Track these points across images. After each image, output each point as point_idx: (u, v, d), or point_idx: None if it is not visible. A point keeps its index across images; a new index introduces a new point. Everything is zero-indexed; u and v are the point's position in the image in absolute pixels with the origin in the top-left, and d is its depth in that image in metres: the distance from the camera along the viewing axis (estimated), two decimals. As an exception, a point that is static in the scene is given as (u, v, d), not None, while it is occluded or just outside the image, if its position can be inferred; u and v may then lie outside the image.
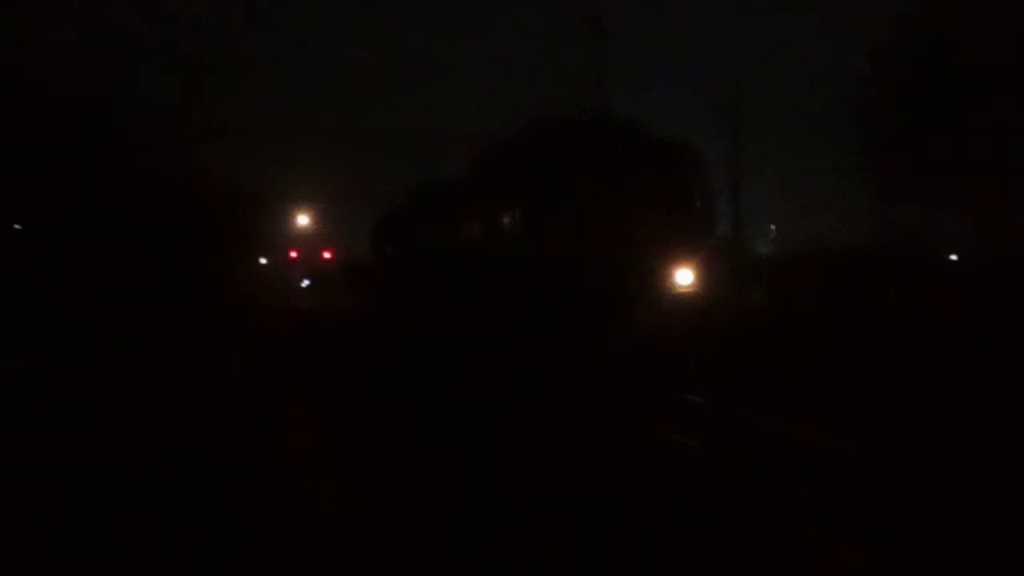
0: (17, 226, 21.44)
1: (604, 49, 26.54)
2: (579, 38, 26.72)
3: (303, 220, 37.73)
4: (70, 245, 19.18)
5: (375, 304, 24.88)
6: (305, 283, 39.33)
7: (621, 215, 14.21)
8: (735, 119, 30.06)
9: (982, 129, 18.07)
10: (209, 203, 25.74)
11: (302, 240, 38.14)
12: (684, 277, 14.95)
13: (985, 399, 9.73)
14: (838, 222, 25.65)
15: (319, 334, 18.98)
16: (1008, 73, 17.59)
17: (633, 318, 13.67)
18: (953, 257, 25.37)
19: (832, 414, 9.35)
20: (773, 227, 36.19)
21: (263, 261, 36.38)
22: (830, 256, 26.31)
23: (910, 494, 6.67)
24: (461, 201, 18.19)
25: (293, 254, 38.54)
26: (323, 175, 34.41)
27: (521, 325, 13.84)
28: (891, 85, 20.41)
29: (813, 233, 27.29)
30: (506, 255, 15.26)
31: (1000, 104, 17.72)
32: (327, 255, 38.23)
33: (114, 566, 5.37)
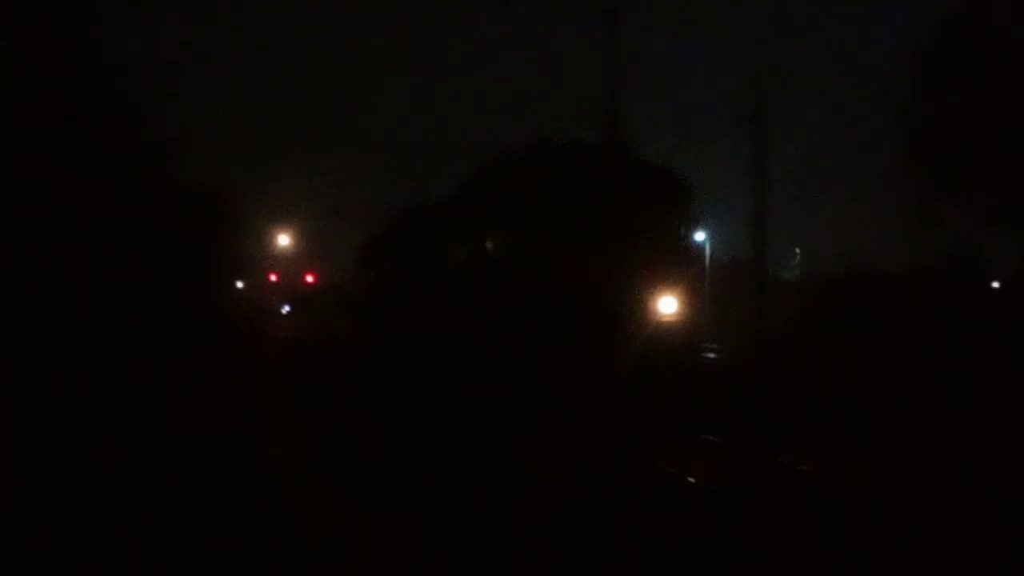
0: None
1: (617, 47, 26.83)
2: (590, 36, 27.02)
3: (284, 240, 37.79)
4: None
5: (358, 336, 25.02)
6: (285, 309, 39.01)
7: (603, 242, 14.96)
8: (758, 130, 29.88)
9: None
10: (179, 219, 26.11)
11: (283, 262, 38.27)
12: (667, 305, 15.48)
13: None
14: (874, 242, 26.07)
15: (297, 371, 19.37)
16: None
17: (615, 348, 14.41)
18: (995, 284, 24.86)
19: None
20: (798, 250, 36.82)
21: (239, 285, 32.96)
22: (863, 280, 26.19)
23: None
24: (446, 225, 18.69)
25: (273, 277, 38.55)
26: (308, 190, 38.81)
27: (502, 360, 14.59)
28: (931, 86, 19.89)
29: (845, 254, 27.78)
30: (489, 283, 15.89)
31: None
32: (310, 279, 38.24)
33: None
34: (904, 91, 21.30)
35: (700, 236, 32.28)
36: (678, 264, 15.65)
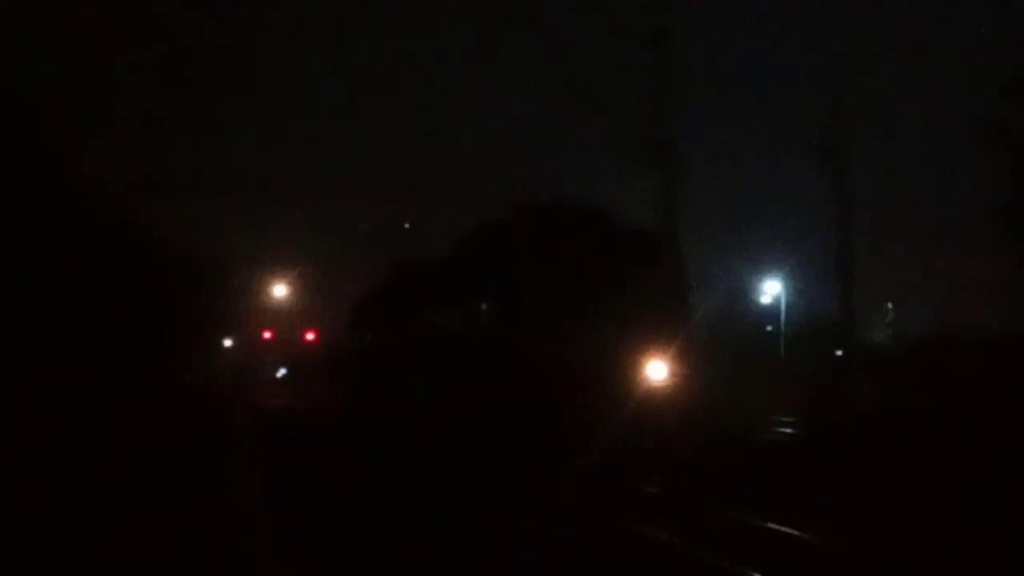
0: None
1: (666, 71, 27.36)
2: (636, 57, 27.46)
3: (280, 291, 37.49)
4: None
5: (351, 403, 25.52)
6: (281, 372, 39.18)
7: (591, 309, 16.84)
8: (840, 163, 29.75)
9: None
10: (159, 273, 25.42)
11: (279, 317, 37.94)
12: (657, 371, 17.37)
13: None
14: (979, 299, 25.70)
15: (297, 455, 19.11)
16: None
17: (601, 417, 15.85)
18: None
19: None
20: (890, 306, 36.34)
21: (228, 344, 36.38)
22: (967, 344, 25.40)
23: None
24: (440, 287, 20.87)
25: (267, 335, 38.31)
26: (307, 236, 35.86)
27: (489, 434, 16.18)
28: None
29: (945, 313, 27.78)
30: (481, 348, 17.80)
31: None
32: (310, 336, 37.81)
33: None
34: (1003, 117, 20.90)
35: (773, 288, 33.34)
36: (669, 328, 17.23)
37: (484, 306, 18.69)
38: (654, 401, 17.09)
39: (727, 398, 25.45)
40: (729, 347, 30.32)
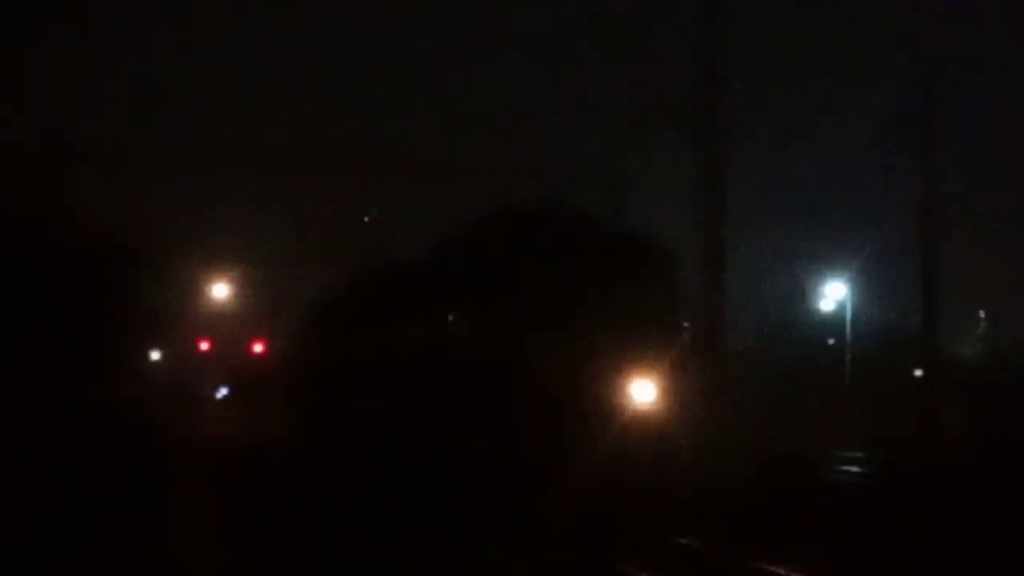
0: None
1: (717, 32, 27.38)
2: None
3: (220, 292, 35.84)
4: None
5: (298, 435, 25.26)
6: (222, 392, 37.41)
7: (569, 322, 17.37)
8: (925, 142, 28.51)
9: None
10: (67, 264, 24.28)
11: (219, 324, 36.20)
12: (643, 392, 17.51)
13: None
14: None
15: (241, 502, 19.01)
16: None
17: (580, 445, 16.63)
18: None
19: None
20: (983, 315, 36.43)
21: (156, 357, 33.31)
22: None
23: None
24: (409, 296, 21.05)
25: (204, 346, 36.16)
26: (255, 225, 34.50)
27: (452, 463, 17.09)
28: None
29: None
30: (447, 369, 18.50)
31: None
32: (258, 348, 36.08)
33: None
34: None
35: (837, 292, 32.49)
36: (657, 343, 17.74)
37: (455, 320, 19.59)
38: (639, 427, 17.66)
39: (769, 427, 25.85)
40: (780, 363, 30.66)
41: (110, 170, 31.83)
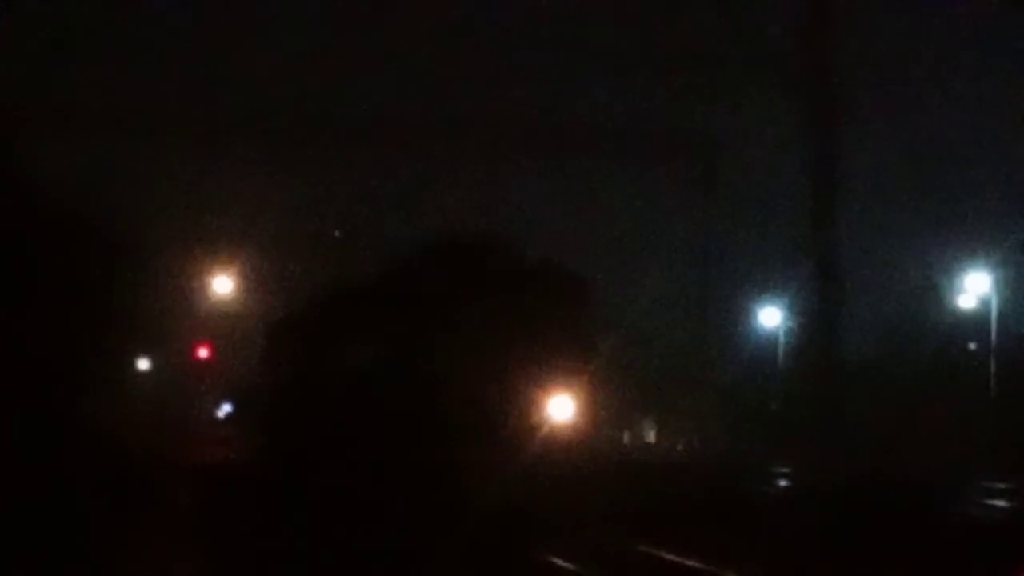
0: None
1: None
2: None
3: (223, 287, 33.97)
4: None
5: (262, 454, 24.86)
6: (225, 410, 34.22)
7: (492, 346, 20.01)
8: None
9: None
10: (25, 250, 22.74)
11: (221, 327, 34.01)
12: (561, 408, 20.51)
13: None
14: None
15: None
16: None
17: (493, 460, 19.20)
18: None
19: None
20: None
21: (144, 367, 31.71)
22: None
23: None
24: (355, 319, 23.06)
25: (203, 352, 34.43)
26: (267, 205, 33.07)
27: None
28: None
29: None
30: (378, 395, 20.67)
31: None
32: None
33: None
34: None
35: (979, 285, 30.65)
36: (574, 363, 20.56)
37: (390, 345, 22.05)
38: (557, 442, 20.54)
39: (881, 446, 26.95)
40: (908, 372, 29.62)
41: (84, 138, 31.27)
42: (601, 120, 34.06)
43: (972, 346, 31.77)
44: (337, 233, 34.93)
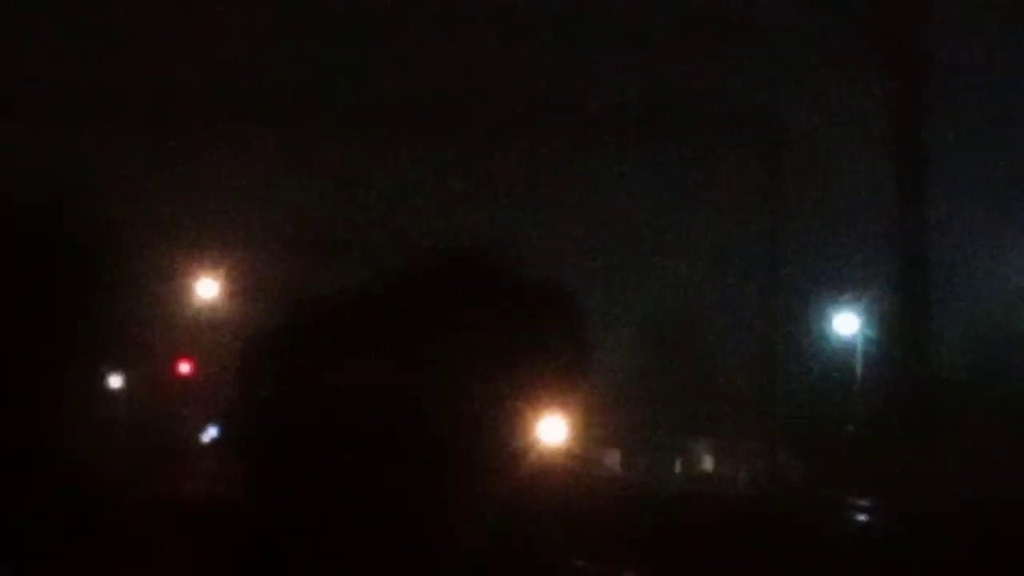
0: None
1: None
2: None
3: (207, 291, 33.01)
4: None
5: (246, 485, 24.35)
6: (211, 434, 31.88)
7: (479, 367, 17.70)
8: None
9: None
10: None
11: (205, 337, 32.69)
12: (553, 430, 19.26)
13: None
14: None
15: None
16: None
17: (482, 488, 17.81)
18: None
19: None
20: None
21: (116, 384, 29.80)
22: None
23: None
24: (331, 339, 20.63)
25: (184, 367, 33.22)
26: (258, 198, 32.44)
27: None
28: None
29: None
30: (373, 419, 18.32)
31: None
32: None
33: None
34: None
35: None
36: (566, 383, 18.68)
37: (376, 366, 18.76)
38: (548, 466, 19.19)
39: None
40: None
41: (54, 128, 30.67)
42: (641, 104, 32.39)
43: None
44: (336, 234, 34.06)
